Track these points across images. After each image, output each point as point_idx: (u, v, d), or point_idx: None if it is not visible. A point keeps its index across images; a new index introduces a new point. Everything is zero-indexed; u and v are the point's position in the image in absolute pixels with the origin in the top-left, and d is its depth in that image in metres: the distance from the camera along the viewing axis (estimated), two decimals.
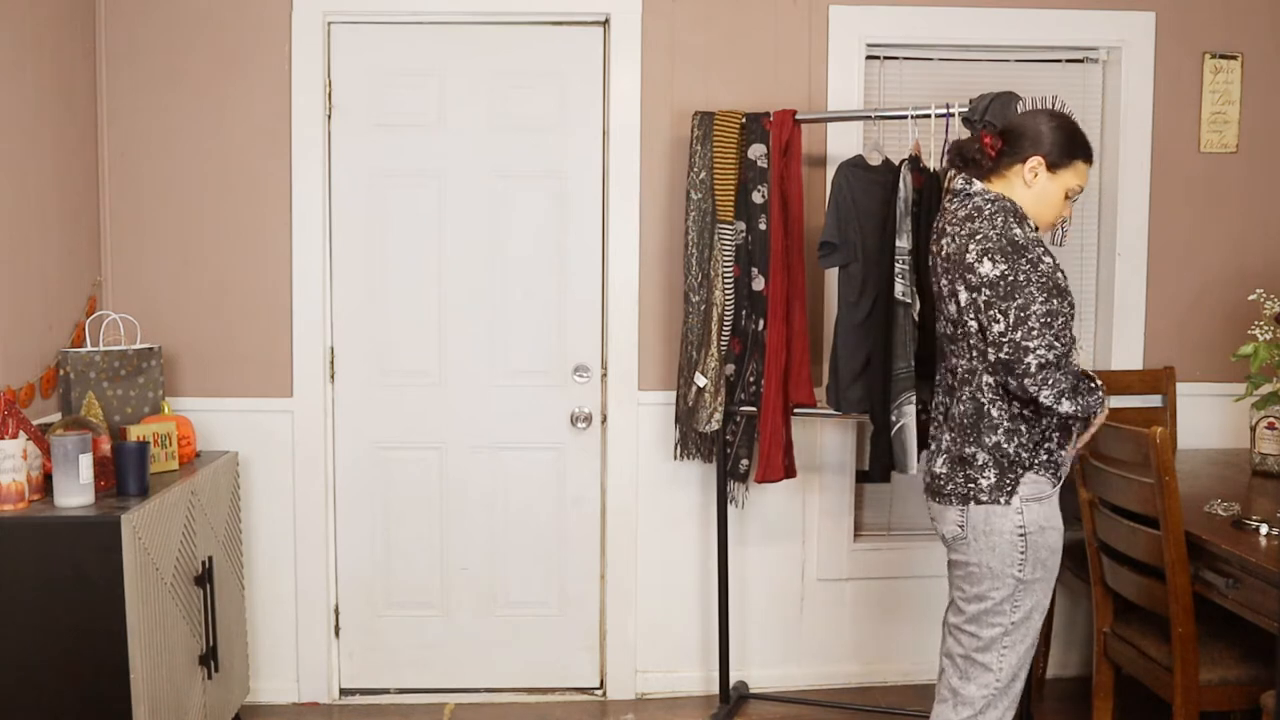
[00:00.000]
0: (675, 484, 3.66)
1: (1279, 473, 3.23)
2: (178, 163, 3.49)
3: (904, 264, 3.08)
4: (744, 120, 3.34)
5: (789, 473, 3.35)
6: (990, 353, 2.36)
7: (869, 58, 3.63)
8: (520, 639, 3.72)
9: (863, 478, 3.66)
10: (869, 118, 3.34)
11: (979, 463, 2.42)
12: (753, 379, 3.39)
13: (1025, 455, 2.41)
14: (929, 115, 3.16)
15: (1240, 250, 3.74)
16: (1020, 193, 2.46)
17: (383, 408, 3.64)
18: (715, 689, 3.63)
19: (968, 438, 2.44)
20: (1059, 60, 3.71)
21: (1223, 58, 3.67)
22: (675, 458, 3.54)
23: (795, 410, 3.34)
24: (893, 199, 3.12)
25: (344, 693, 3.71)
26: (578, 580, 3.72)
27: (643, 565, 3.67)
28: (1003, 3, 3.59)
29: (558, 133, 3.59)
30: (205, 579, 3.06)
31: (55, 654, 2.57)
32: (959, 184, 2.51)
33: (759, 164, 3.31)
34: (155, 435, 3.05)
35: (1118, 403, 3.65)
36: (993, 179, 2.49)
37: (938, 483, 2.51)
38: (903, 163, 3.13)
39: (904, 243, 3.08)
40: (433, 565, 3.69)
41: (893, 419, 3.13)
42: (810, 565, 3.72)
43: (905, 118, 3.21)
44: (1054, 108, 2.61)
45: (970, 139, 2.54)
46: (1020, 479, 2.40)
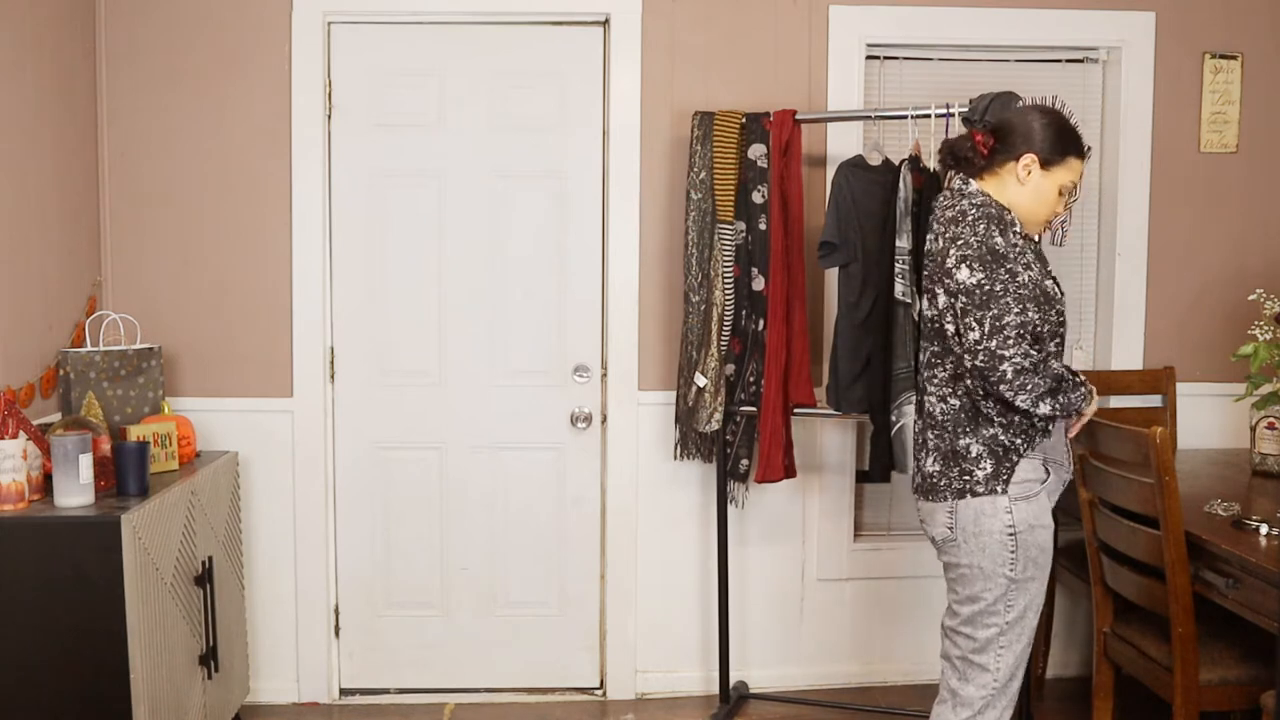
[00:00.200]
0: (675, 484, 3.66)
1: (1279, 473, 3.23)
2: (178, 163, 3.49)
3: (904, 264, 3.08)
4: (744, 120, 3.34)
5: (789, 473, 3.35)
6: (966, 359, 2.36)
7: (869, 58, 3.63)
8: (520, 639, 3.72)
9: (863, 478, 3.66)
10: (869, 118, 3.34)
11: (973, 455, 2.42)
12: (753, 379, 3.39)
13: (1020, 442, 2.41)
14: (929, 115, 3.16)
15: (1240, 250, 3.74)
16: (1014, 190, 2.45)
17: (383, 408, 3.64)
18: (715, 689, 3.63)
19: (960, 432, 2.44)
20: (1059, 60, 3.71)
21: (1223, 58, 3.67)
22: (675, 458, 3.54)
23: (795, 410, 3.34)
24: (893, 199, 3.13)
25: (344, 693, 3.71)
26: (578, 580, 3.72)
27: (643, 565, 3.67)
28: (1003, 3, 3.59)
29: (558, 133, 3.59)
30: (205, 579, 3.06)
31: (55, 654, 2.57)
32: (957, 183, 2.50)
33: (759, 164, 3.31)
34: (155, 435, 3.05)
35: (1118, 403, 3.66)
36: (986, 177, 2.47)
37: (930, 481, 2.49)
38: (903, 163, 3.13)
39: (904, 243, 3.08)
40: (433, 565, 3.69)
41: (893, 419, 3.14)
42: (810, 565, 3.72)
43: (905, 118, 3.21)
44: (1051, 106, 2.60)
45: (962, 137, 2.52)
46: (1016, 466, 2.40)
